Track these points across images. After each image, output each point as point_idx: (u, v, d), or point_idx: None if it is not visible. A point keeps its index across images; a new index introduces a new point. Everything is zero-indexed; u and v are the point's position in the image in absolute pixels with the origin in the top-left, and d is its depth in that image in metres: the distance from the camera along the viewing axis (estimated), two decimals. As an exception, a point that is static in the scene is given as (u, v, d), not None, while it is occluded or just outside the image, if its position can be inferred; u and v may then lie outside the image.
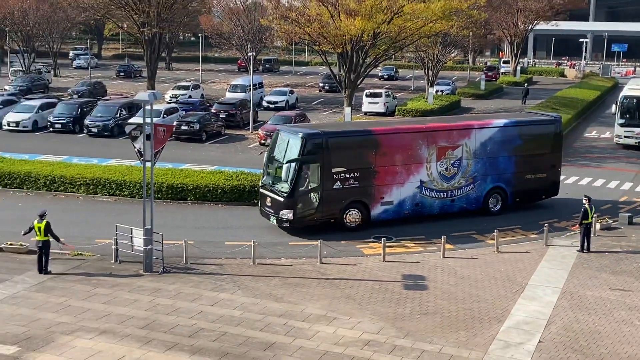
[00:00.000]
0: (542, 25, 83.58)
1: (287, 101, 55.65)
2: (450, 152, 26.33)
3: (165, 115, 43.06)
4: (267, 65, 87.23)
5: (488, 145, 27.00)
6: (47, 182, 29.42)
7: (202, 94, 58.00)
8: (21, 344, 15.97)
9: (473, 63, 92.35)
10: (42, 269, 20.40)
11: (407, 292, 19.90)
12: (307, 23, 42.78)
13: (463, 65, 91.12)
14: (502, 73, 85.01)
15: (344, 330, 17.20)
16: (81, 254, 22.04)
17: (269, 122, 42.33)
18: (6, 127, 43.67)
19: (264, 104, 55.04)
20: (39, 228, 20.34)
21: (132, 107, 44.37)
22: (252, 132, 44.60)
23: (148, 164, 21.30)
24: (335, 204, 24.99)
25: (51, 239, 20.55)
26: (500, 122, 27.83)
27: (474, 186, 26.97)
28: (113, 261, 21.57)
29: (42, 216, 20.51)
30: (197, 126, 41.74)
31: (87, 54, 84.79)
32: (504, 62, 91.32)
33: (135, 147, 21.47)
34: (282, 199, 24.68)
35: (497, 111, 54.05)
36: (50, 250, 20.67)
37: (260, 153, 30.60)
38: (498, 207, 27.62)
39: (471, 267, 22.05)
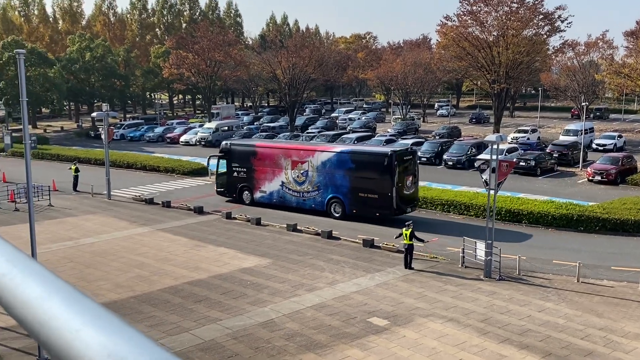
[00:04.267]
0: None
1: (616, 144, 49.95)
2: (300, 165, 29.87)
3: (507, 153, 41.93)
4: (597, 113, 79.48)
5: (327, 164, 29.09)
6: (414, 201, 30.65)
7: (539, 137, 55.11)
8: (390, 319, 16.86)
9: None
10: (407, 265, 21.32)
11: None
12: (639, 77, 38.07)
13: None
14: None
15: (664, 352, 14.77)
16: (436, 257, 22.54)
17: (597, 162, 38.55)
18: (387, 159, 46.73)
19: (594, 146, 50.18)
20: (406, 234, 21.31)
21: (480, 146, 44.16)
22: (581, 169, 41.02)
23: (492, 192, 20.98)
24: (234, 185, 32.32)
25: (415, 242, 21.42)
26: (337, 148, 29.94)
27: (319, 193, 29.48)
28: (460, 266, 21.61)
29: (408, 225, 21.47)
30: (532, 163, 39.86)
31: (447, 105, 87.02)
32: None
33: (482, 178, 21.32)
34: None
35: None
36: (414, 252, 21.53)
37: None
38: (338, 214, 28.89)
39: None
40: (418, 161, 30.74)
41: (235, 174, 32.26)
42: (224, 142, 34.37)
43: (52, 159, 50.17)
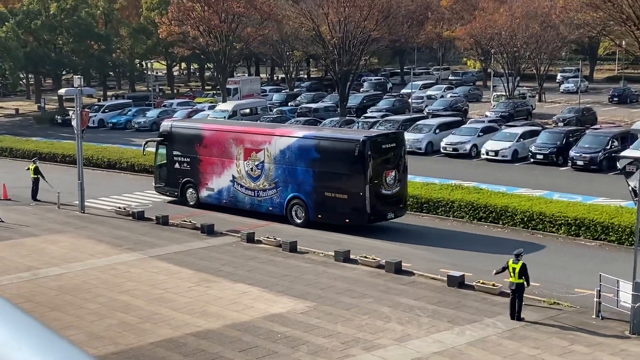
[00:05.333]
0: None
1: None
2: (254, 154, 32.59)
3: (666, 149, 41.04)
4: None
5: (287, 153, 31.57)
6: (525, 219, 30.32)
7: None
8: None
9: None
10: (515, 314, 21.05)
11: None
12: None
13: None
14: None
15: None
16: (558, 303, 22.19)
17: None
18: (484, 156, 46.47)
19: None
20: (514, 269, 21.00)
21: (626, 138, 43.35)
22: None
23: (643, 206, 20.53)
24: (176, 180, 35.54)
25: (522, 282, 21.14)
26: (299, 132, 32.79)
27: (277, 191, 32.01)
28: (594, 316, 21.19)
29: (518, 256, 21.18)
30: None
31: (576, 77, 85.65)
32: None
33: (629, 185, 20.91)
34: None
35: None
36: (525, 296, 21.27)
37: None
38: (300, 220, 31.47)
39: None
40: (407, 148, 33.34)
41: (177, 165, 35.64)
42: (164, 123, 39.02)
43: (2, 155, 51.73)
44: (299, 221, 31.60)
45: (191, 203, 35.35)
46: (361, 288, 23.85)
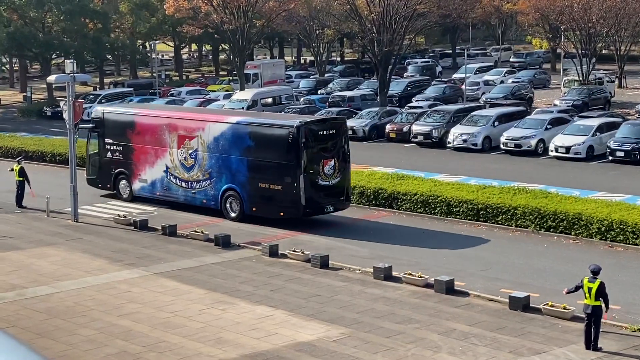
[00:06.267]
0: None
1: None
2: (188, 142, 35.21)
3: None
4: None
5: (220, 141, 34.24)
6: (602, 229, 30.04)
7: None
8: None
9: None
10: (591, 342, 20.80)
11: None
12: None
13: None
14: None
15: None
16: (642, 330, 22.01)
17: None
18: (553, 153, 46.10)
19: None
20: (589, 289, 20.72)
21: None
22: None
23: None
24: (108, 172, 38.44)
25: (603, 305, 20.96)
26: (232, 118, 35.21)
27: (211, 182, 34.66)
28: (685, 346, 21.01)
29: (594, 273, 20.94)
30: None
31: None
32: None
33: None
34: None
35: None
36: (602, 321, 21.04)
37: None
38: (235, 214, 34.17)
39: None
40: (350, 134, 35.54)
41: (109, 154, 38.63)
42: (96, 108, 42.54)
43: (-18, 154, 52.09)
44: (233, 215, 34.28)
45: (124, 197, 38.31)
46: (406, 311, 23.75)
